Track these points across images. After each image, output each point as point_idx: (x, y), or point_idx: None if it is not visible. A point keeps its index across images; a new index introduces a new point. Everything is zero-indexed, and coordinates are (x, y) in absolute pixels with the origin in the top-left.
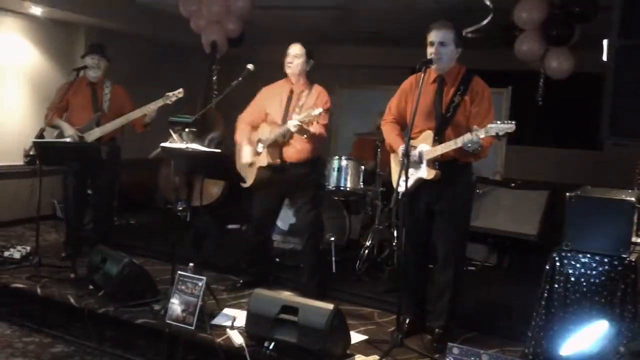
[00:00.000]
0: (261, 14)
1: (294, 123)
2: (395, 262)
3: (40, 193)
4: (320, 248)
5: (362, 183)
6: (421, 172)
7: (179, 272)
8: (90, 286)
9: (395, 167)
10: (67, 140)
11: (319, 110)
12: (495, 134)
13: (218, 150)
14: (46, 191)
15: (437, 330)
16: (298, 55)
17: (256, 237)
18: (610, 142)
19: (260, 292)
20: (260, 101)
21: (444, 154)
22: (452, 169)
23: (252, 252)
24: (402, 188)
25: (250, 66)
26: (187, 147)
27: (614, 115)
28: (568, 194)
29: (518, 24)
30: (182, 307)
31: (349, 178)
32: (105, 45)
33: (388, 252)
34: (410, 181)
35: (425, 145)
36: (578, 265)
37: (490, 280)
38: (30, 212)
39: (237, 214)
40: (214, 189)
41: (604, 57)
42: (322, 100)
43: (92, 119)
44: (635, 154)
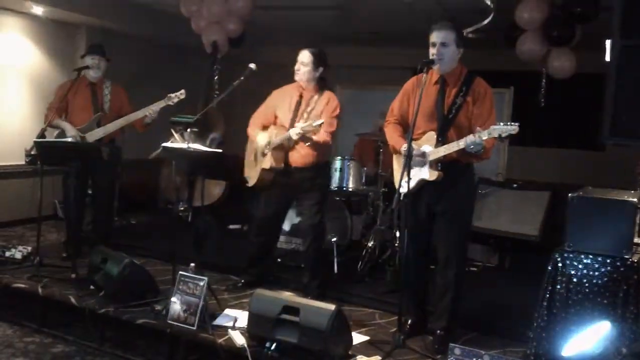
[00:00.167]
0: (262, 14)
1: (296, 131)
2: (396, 263)
3: (41, 193)
4: (322, 250)
5: (364, 184)
6: (423, 173)
7: (180, 272)
8: (91, 286)
9: (397, 168)
10: (69, 140)
11: (320, 122)
12: (498, 135)
13: (219, 150)
14: (47, 191)
15: (438, 331)
16: (305, 63)
17: (258, 237)
18: (611, 143)
19: (261, 293)
20: (270, 103)
21: (446, 155)
22: (455, 170)
23: (252, 252)
24: (404, 189)
25: (252, 65)
26: (188, 147)
27: (615, 116)
28: (570, 194)
29: (519, 25)
30: (184, 308)
31: (350, 178)
32: (105, 46)
33: (390, 252)
34: (413, 182)
35: (428, 146)
36: (580, 266)
37: (491, 281)
38: (32, 212)
39: (239, 214)
40: (215, 189)
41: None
42: (331, 108)
43: (93, 120)
44: (637, 154)
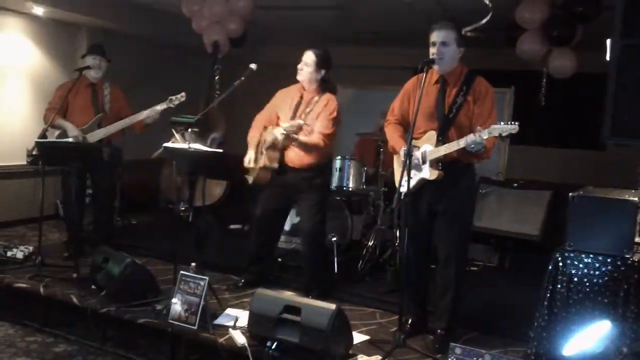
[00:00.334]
0: (263, 14)
1: (280, 131)
2: (397, 263)
3: (43, 193)
4: (322, 250)
5: (364, 183)
6: (424, 172)
7: (181, 271)
8: (93, 286)
9: (398, 168)
10: (70, 140)
11: (300, 122)
12: (499, 134)
13: (220, 150)
14: (49, 191)
15: (439, 330)
16: (308, 64)
17: (258, 237)
18: (611, 143)
19: (262, 292)
20: (274, 103)
21: (446, 154)
22: (455, 170)
23: (253, 251)
24: (404, 188)
25: (253, 66)
26: (189, 147)
27: (615, 116)
28: (571, 194)
29: (520, 24)
30: (185, 307)
31: (351, 178)
32: (106, 46)
33: (390, 252)
34: (413, 181)
35: (429, 146)
36: (581, 265)
37: (492, 281)
38: (33, 212)
39: (239, 214)
40: (216, 189)
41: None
42: (328, 110)
43: (95, 120)
44: (638, 154)
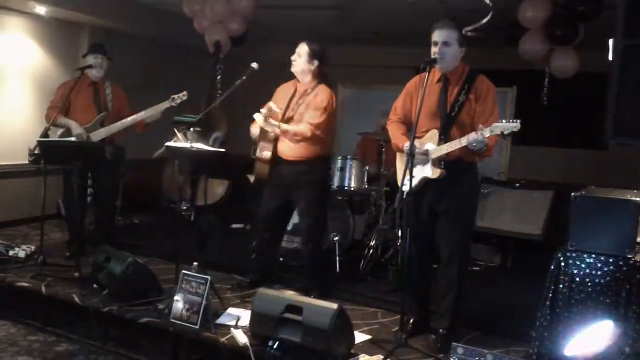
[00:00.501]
0: (264, 13)
1: (259, 116)
2: (399, 262)
3: (45, 192)
4: (321, 250)
5: (366, 183)
6: (426, 171)
7: (183, 271)
8: (95, 285)
9: (400, 166)
10: (73, 139)
11: (275, 107)
12: (501, 132)
13: (222, 150)
14: (51, 190)
15: (441, 330)
16: (300, 54)
17: (260, 234)
18: (614, 142)
19: (264, 292)
20: (273, 98)
21: (449, 153)
22: (458, 169)
23: (255, 249)
24: (406, 187)
25: (254, 65)
26: (191, 146)
27: (617, 115)
28: (573, 193)
29: (522, 23)
30: (187, 306)
31: (353, 178)
32: (108, 45)
33: (392, 252)
34: (416, 180)
35: (431, 144)
36: (583, 265)
37: (494, 281)
38: (35, 211)
39: (241, 213)
40: (218, 189)
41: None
42: (319, 99)
43: (97, 119)
44: None
